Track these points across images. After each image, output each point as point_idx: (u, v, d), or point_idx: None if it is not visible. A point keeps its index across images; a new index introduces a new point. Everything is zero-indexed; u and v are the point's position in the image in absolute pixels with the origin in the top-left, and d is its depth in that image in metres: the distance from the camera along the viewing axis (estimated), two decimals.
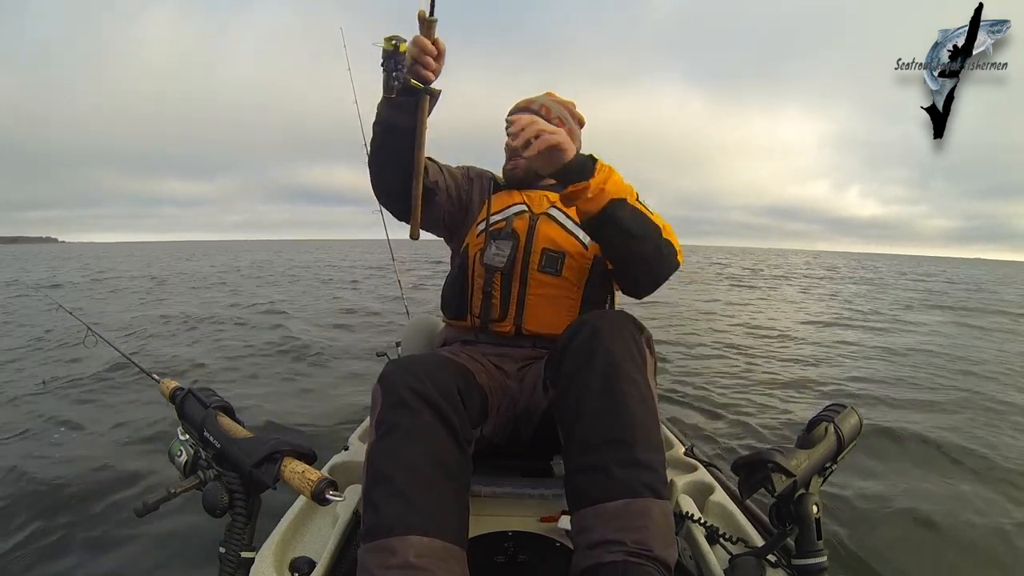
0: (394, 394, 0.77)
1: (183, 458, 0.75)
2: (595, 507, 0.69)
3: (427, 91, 0.91)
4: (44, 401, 2.83)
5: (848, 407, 0.81)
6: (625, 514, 0.67)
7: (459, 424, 0.78)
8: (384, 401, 0.77)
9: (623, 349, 0.79)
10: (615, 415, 0.74)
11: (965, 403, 3.16)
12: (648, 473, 0.70)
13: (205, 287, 10.08)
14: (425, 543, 0.66)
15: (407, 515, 0.67)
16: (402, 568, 0.63)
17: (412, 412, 0.75)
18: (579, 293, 1.09)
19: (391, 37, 0.93)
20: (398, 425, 0.74)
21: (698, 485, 1.11)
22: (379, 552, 0.65)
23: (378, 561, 0.65)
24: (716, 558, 0.85)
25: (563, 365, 0.82)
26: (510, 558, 0.85)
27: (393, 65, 0.93)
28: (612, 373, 0.76)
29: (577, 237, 1.11)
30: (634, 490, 0.69)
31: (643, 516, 0.67)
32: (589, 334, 0.81)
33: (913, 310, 8.71)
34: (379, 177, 1.05)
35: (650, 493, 0.69)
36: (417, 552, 0.65)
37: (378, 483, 0.71)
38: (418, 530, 0.66)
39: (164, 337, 4.89)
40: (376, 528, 0.67)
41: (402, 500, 0.68)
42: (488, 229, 1.12)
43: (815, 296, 10.87)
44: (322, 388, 3.18)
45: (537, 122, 0.88)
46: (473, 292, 1.12)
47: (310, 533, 0.95)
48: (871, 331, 6.18)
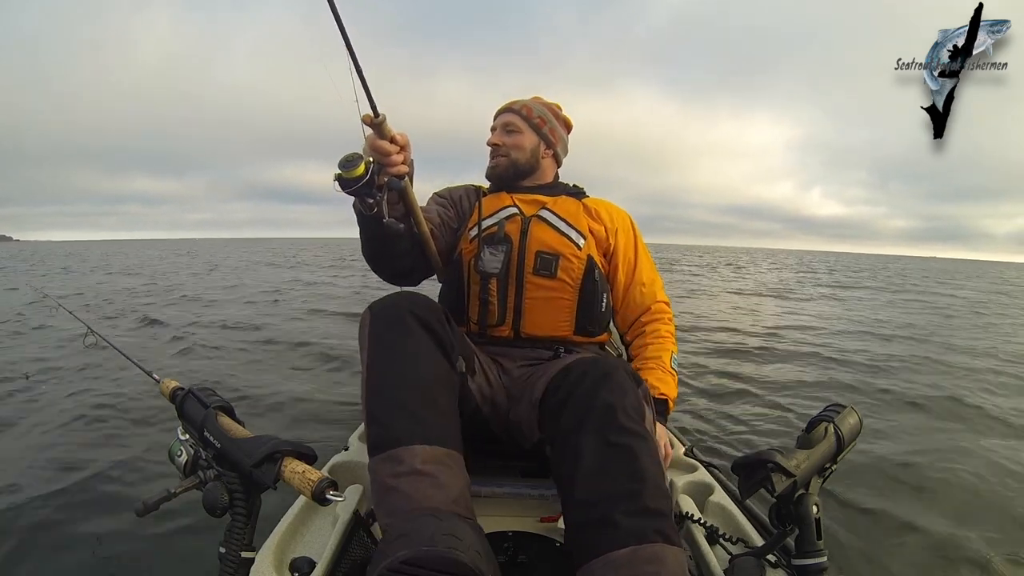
0: (385, 313, 0.84)
1: (183, 458, 0.74)
2: (601, 558, 0.64)
3: (404, 178, 0.89)
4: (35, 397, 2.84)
5: (848, 407, 0.81)
6: (634, 561, 0.63)
7: (448, 342, 0.86)
8: (377, 321, 0.84)
9: (622, 404, 0.75)
10: (618, 470, 0.70)
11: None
12: (658, 519, 0.66)
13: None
14: (428, 451, 0.73)
15: (410, 426, 0.74)
16: (411, 475, 0.70)
17: (404, 328, 0.82)
18: (575, 294, 1.10)
19: (349, 159, 0.83)
20: (392, 340, 0.81)
21: (698, 485, 1.11)
22: (389, 462, 0.72)
23: (389, 470, 0.71)
24: (716, 558, 0.85)
25: (561, 421, 0.78)
26: (510, 558, 0.85)
27: (366, 189, 0.85)
28: (612, 430, 0.73)
29: (569, 238, 1.12)
30: (644, 536, 0.64)
31: (654, 562, 0.63)
32: (587, 389, 0.78)
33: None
34: (385, 271, 1.11)
35: (661, 538, 0.64)
36: (423, 459, 0.72)
37: (379, 397, 0.78)
38: (421, 439, 0.73)
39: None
40: (382, 440, 0.74)
41: (404, 412, 0.75)
42: (481, 235, 1.12)
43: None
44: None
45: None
46: (470, 299, 1.13)
47: (310, 533, 0.95)
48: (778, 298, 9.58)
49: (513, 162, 1.21)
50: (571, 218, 1.15)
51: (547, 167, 1.26)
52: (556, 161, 1.28)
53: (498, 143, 1.22)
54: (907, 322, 6.92)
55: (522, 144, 1.21)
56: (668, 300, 1.24)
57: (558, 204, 1.17)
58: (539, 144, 1.23)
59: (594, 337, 1.15)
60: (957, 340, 5.52)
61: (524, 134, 1.21)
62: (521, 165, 1.21)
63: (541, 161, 1.24)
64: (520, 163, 1.21)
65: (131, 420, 2.50)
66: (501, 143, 1.21)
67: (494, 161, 1.23)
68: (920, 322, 7.00)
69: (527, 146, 1.21)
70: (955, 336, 5.84)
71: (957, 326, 6.78)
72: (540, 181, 1.25)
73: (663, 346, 1.16)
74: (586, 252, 1.11)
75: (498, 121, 1.24)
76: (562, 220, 1.14)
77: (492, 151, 1.23)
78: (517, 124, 1.21)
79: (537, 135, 1.23)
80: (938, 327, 6.55)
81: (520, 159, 1.21)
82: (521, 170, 1.22)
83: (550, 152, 1.26)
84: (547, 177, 1.26)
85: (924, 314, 7.99)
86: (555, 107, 1.27)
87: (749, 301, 8.96)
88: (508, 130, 1.22)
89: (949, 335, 5.89)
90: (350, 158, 0.83)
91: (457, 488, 0.73)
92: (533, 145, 1.22)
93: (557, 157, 1.28)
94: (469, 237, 1.15)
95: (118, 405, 2.75)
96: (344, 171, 0.83)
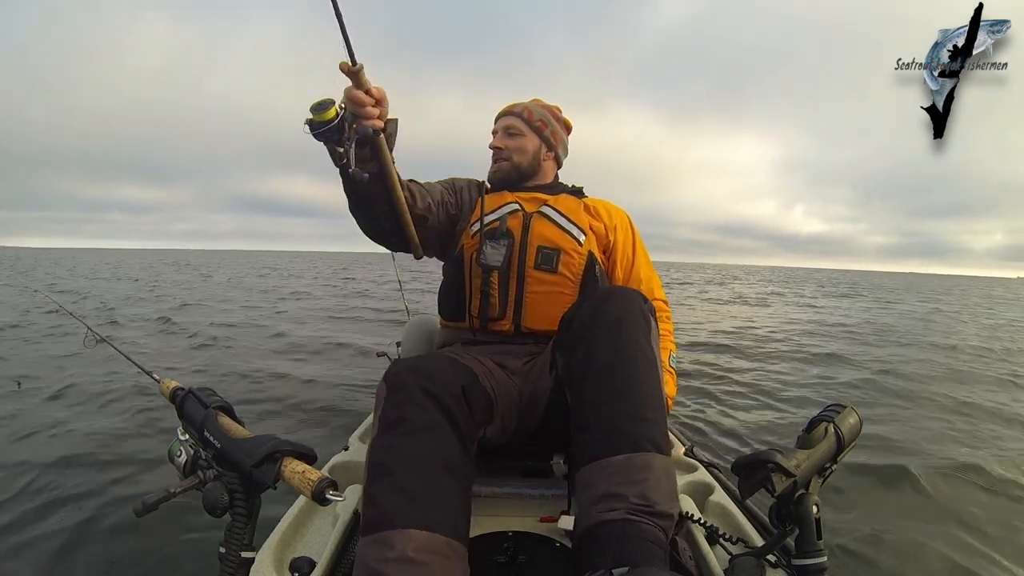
0: (400, 391, 0.76)
1: (183, 458, 0.74)
2: (599, 462, 0.71)
3: (378, 132, 0.86)
4: (34, 397, 2.84)
5: (848, 407, 0.81)
6: (628, 468, 0.69)
7: (464, 423, 0.77)
8: (389, 397, 0.76)
9: (629, 311, 0.82)
10: (622, 373, 0.76)
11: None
12: (651, 428, 0.72)
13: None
14: (424, 537, 0.64)
15: (407, 509, 0.66)
16: (400, 562, 0.62)
17: (417, 408, 0.74)
18: (576, 289, 1.10)
19: (321, 103, 0.81)
20: (402, 420, 0.73)
21: (698, 485, 1.11)
22: (377, 545, 0.64)
23: (376, 554, 0.64)
24: (716, 558, 0.85)
25: (571, 329, 0.85)
26: (510, 558, 0.85)
27: (335, 135, 0.83)
28: (618, 332, 0.79)
29: (571, 233, 1.12)
30: (637, 444, 0.71)
31: (645, 470, 0.69)
32: (596, 300, 0.85)
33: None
34: (365, 226, 1.07)
35: (653, 448, 0.71)
36: (416, 546, 0.63)
37: (379, 477, 0.70)
38: (418, 524, 0.65)
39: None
40: (375, 521, 0.66)
41: (403, 494, 0.67)
42: (483, 229, 1.12)
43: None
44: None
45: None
46: (471, 293, 1.13)
47: (310, 533, 0.95)
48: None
49: (515, 165, 1.22)
50: (572, 215, 1.15)
51: (548, 169, 1.27)
52: (557, 162, 1.29)
53: (500, 146, 1.22)
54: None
55: (524, 147, 1.22)
56: (666, 298, 1.25)
57: (559, 201, 1.18)
58: (540, 147, 1.24)
59: None
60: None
61: (526, 137, 1.22)
62: (523, 168, 1.22)
63: (543, 163, 1.25)
64: (522, 166, 1.22)
65: (131, 420, 2.51)
66: (503, 146, 1.22)
67: (496, 165, 1.23)
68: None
69: (529, 149, 1.22)
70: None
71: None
72: (541, 182, 1.26)
73: (662, 344, 1.16)
74: (587, 248, 1.12)
75: (499, 124, 1.25)
76: (563, 216, 1.14)
77: (494, 154, 1.24)
78: (519, 127, 1.22)
79: (539, 138, 1.23)
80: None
81: (522, 162, 1.22)
82: (523, 173, 1.23)
83: (551, 154, 1.26)
84: (548, 178, 1.27)
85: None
86: (555, 109, 1.28)
87: (742, 309, 9.55)
88: (510, 133, 1.23)
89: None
90: (323, 102, 0.81)
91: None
92: (535, 148, 1.23)
93: (558, 159, 1.29)
94: (471, 232, 1.15)
95: (118, 405, 2.75)
96: (315, 114, 0.81)
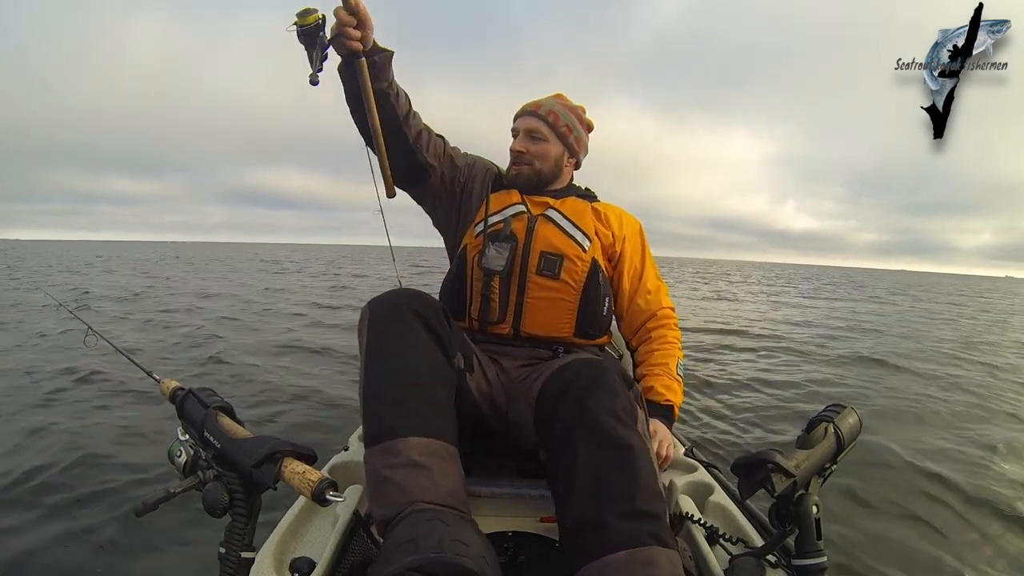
0: (384, 309, 0.84)
1: (183, 458, 0.74)
2: (596, 562, 0.64)
3: (358, 56, 0.89)
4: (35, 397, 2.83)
5: (847, 407, 0.81)
6: (630, 564, 0.63)
7: (446, 337, 0.86)
8: (374, 315, 0.83)
9: (612, 408, 0.75)
10: (611, 473, 0.70)
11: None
12: (651, 522, 0.66)
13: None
14: (424, 443, 0.73)
15: (407, 418, 0.74)
16: (406, 466, 0.70)
17: (403, 324, 0.82)
18: (577, 296, 1.09)
19: (307, 9, 0.86)
20: (389, 335, 0.81)
21: (698, 485, 1.11)
22: (384, 454, 0.72)
23: (384, 461, 0.71)
24: (716, 558, 0.85)
25: (555, 426, 0.79)
26: (510, 558, 0.85)
27: (310, 40, 0.87)
28: (605, 433, 0.73)
29: (575, 240, 1.11)
30: (638, 540, 0.64)
31: (649, 565, 0.63)
32: (579, 393, 0.78)
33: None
34: (359, 127, 1.03)
35: (654, 541, 0.65)
36: (419, 451, 0.72)
37: (376, 390, 0.78)
38: (417, 432, 0.73)
39: None
40: (379, 432, 0.74)
41: (401, 405, 0.75)
42: (486, 231, 1.11)
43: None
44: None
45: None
46: (472, 295, 1.12)
47: (310, 533, 0.94)
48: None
49: (537, 171, 1.18)
50: (577, 219, 1.13)
51: (566, 174, 1.24)
52: (576, 166, 1.27)
53: (522, 151, 1.17)
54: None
55: (547, 154, 1.17)
56: (673, 306, 1.23)
57: (565, 204, 1.16)
58: (564, 153, 1.20)
59: (594, 340, 1.14)
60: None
61: (549, 143, 1.17)
62: (544, 175, 1.18)
63: (564, 170, 1.22)
64: (543, 173, 1.18)
65: (131, 420, 2.51)
66: (525, 151, 1.17)
67: (516, 168, 1.18)
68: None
69: (552, 155, 1.18)
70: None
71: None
72: (556, 187, 1.22)
73: (670, 352, 1.16)
74: (591, 255, 1.10)
75: (522, 125, 1.19)
76: (568, 221, 1.12)
77: (515, 157, 1.18)
78: (543, 131, 1.17)
79: (563, 144, 1.19)
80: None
81: (544, 169, 1.18)
82: (543, 180, 1.19)
83: (573, 160, 1.23)
84: (564, 183, 1.24)
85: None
86: (580, 110, 1.23)
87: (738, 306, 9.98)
88: (533, 137, 1.17)
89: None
90: (309, 8, 0.87)
91: (452, 482, 0.72)
92: (558, 155, 1.19)
93: (578, 164, 1.26)
94: (474, 232, 1.14)
95: (118, 405, 2.75)
96: (298, 17, 0.87)
